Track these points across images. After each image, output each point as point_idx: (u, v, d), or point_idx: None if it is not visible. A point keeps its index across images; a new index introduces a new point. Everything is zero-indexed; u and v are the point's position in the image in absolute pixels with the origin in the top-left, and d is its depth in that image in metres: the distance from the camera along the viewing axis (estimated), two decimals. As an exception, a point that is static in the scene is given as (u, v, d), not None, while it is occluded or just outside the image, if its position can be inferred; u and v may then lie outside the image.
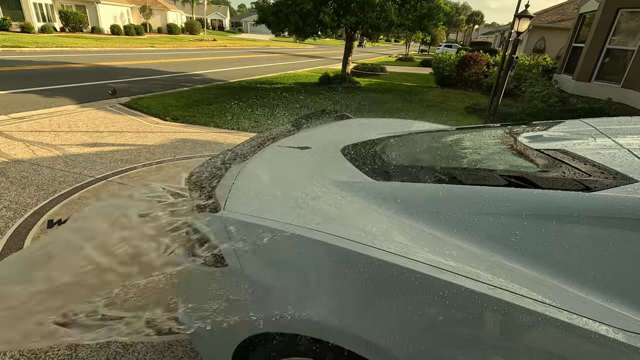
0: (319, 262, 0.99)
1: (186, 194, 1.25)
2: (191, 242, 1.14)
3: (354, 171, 1.39)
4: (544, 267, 0.90)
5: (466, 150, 1.54)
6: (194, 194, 1.27)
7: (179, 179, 3.32)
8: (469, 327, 0.86)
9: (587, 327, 0.77)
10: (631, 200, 0.88)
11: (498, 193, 1.03)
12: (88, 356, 1.67)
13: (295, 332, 1.01)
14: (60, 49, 17.16)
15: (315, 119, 2.38)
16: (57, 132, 5.03)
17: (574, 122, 1.64)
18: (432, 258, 0.91)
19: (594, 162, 1.11)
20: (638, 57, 7.84)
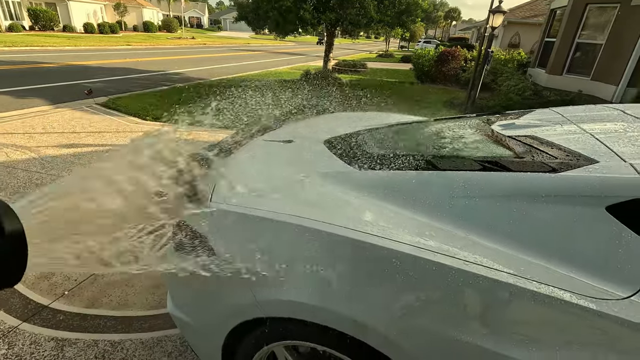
0: (305, 247, 1.03)
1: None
2: (179, 233, 1.15)
3: (337, 162, 1.43)
4: (515, 243, 0.96)
5: (443, 139, 1.61)
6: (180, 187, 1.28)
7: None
8: (445, 300, 0.92)
9: (553, 295, 0.84)
10: (592, 179, 0.96)
11: (472, 177, 1.10)
12: (75, 355, 1.65)
13: (285, 315, 1.04)
14: (31, 49, 16.49)
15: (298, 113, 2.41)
16: (31, 134, 4.87)
17: (544, 111, 1.73)
18: (412, 239, 0.96)
19: (559, 146, 1.19)
20: (605, 51, 8.19)
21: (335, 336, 1.00)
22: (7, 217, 0.55)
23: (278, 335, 1.10)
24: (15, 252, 0.55)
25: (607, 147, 1.12)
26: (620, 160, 1.02)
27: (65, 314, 1.89)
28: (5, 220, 0.54)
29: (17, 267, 0.56)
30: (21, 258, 0.56)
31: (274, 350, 1.17)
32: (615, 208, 0.90)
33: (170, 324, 1.84)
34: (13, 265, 0.56)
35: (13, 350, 1.66)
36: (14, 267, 0.56)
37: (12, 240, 0.54)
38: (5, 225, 0.54)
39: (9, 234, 0.54)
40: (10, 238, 0.54)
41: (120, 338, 1.76)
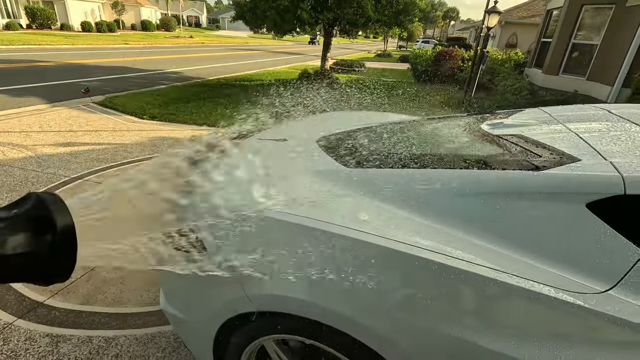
0: (296, 243, 1.05)
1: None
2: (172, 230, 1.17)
3: (329, 160, 1.45)
4: (497, 239, 0.98)
5: (434, 138, 1.63)
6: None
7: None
8: (432, 295, 0.94)
9: (533, 289, 0.86)
10: (573, 176, 0.98)
11: (458, 175, 1.12)
12: (70, 351, 1.67)
13: (274, 310, 1.06)
14: (28, 47, 16.44)
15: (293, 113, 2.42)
16: (27, 133, 4.87)
17: (533, 110, 1.76)
18: (400, 235, 0.98)
19: (544, 145, 1.22)
20: (601, 51, 8.24)
21: (324, 331, 1.02)
22: (59, 211, 0.55)
23: (268, 329, 1.12)
24: (66, 247, 0.56)
25: (590, 145, 1.15)
26: (602, 158, 1.05)
27: (60, 310, 1.91)
28: (58, 214, 0.55)
29: (68, 262, 0.57)
30: (71, 253, 0.57)
31: (264, 344, 1.19)
32: (595, 205, 0.93)
33: (164, 321, 1.86)
34: (64, 260, 0.57)
35: (8, 346, 1.68)
36: (66, 262, 0.57)
37: (64, 235, 0.54)
38: (58, 220, 0.54)
39: (60, 229, 0.53)
40: (61, 233, 0.54)
41: (115, 334, 1.78)
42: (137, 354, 1.68)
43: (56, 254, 0.54)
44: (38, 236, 0.52)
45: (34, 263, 0.53)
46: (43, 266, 0.54)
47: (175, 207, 1.07)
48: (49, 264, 0.54)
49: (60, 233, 0.53)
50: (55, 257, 0.54)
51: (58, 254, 0.54)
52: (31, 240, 0.52)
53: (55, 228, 0.53)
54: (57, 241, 0.54)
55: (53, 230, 0.53)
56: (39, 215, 0.53)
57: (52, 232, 0.53)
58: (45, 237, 0.53)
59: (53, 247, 0.54)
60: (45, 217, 0.53)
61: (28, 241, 0.51)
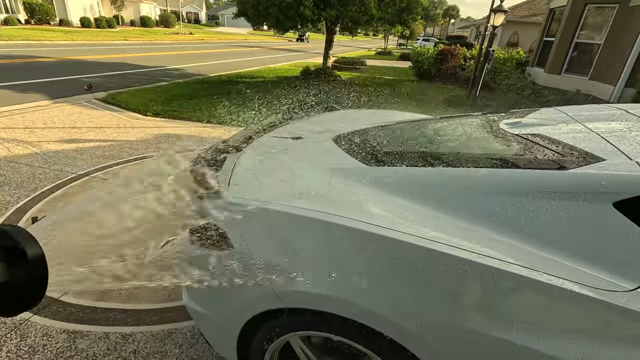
0: (320, 240, 1.06)
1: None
2: (195, 227, 1.18)
3: (347, 158, 1.46)
4: (525, 237, 0.99)
5: (451, 136, 1.64)
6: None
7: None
8: (460, 292, 0.95)
9: (563, 287, 0.87)
10: (599, 176, 0.99)
11: (482, 174, 1.13)
12: (88, 347, 1.68)
13: (301, 306, 1.07)
14: (27, 42, 16.35)
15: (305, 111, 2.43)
16: (32, 129, 4.85)
17: (549, 110, 1.77)
18: (426, 233, 0.99)
19: (566, 144, 1.23)
20: (604, 50, 8.26)
21: (351, 327, 1.03)
22: (27, 243, 0.56)
23: (295, 326, 1.13)
24: (37, 275, 0.57)
25: (613, 145, 1.16)
26: (627, 158, 1.06)
27: (76, 307, 1.91)
28: (27, 246, 0.55)
29: (38, 290, 0.57)
30: (42, 281, 0.57)
31: (289, 340, 1.20)
32: (622, 204, 0.94)
33: (181, 317, 1.87)
34: (35, 288, 0.57)
35: (26, 342, 1.69)
36: (36, 290, 0.57)
37: (34, 265, 0.55)
38: (27, 251, 0.55)
39: (31, 259, 0.54)
40: (32, 263, 0.55)
41: (131, 330, 1.79)
42: (155, 350, 1.69)
43: (30, 282, 0.55)
44: (10, 266, 0.53)
45: (9, 293, 0.53)
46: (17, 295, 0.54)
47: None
48: (22, 292, 0.55)
49: (32, 261, 0.54)
50: (29, 286, 0.55)
51: (32, 282, 0.55)
52: (5, 270, 0.52)
53: (26, 257, 0.53)
54: (30, 269, 0.54)
55: (25, 259, 0.53)
56: (7, 246, 0.53)
57: (24, 261, 0.54)
58: (18, 267, 0.53)
59: (27, 275, 0.54)
60: (13, 247, 0.54)
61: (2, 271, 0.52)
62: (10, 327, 1.75)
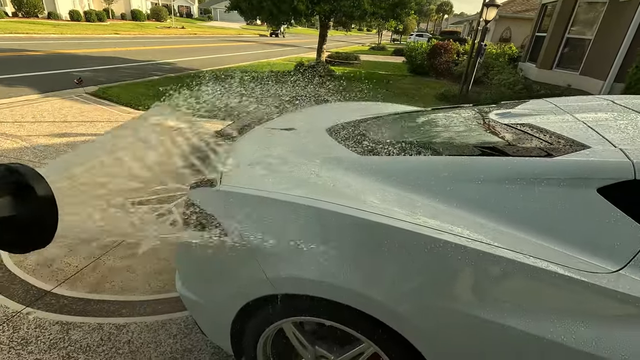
0: (313, 226, 1.07)
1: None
2: (189, 216, 1.19)
3: (341, 148, 1.47)
4: (513, 222, 1.02)
5: (442, 127, 1.66)
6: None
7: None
8: (447, 275, 0.97)
9: (549, 269, 0.90)
10: (584, 162, 1.02)
11: (472, 161, 1.15)
12: (81, 338, 1.68)
13: (294, 292, 1.09)
14: (15, 36, 16.01)
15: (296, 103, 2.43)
16: (21, 123, 4.78)
17: (538, 101, 1.80)
18: (415, 218, 1.01)
19: (554, 133, 1.25)
20: (594, 46, 8.35)
21: (344, 312, 1.05)
22: (36, 181, 0.56)
23: (288, 312, 1.14)
24: (47, 213, 0.57)
25: (598, 133, 1.19)
26: (611, 145, 1.09)
27: (69, 298, 1.91)
28: (36, 184, 0.56)
29: (47, 230, 0.58)
30: (51, 221, 0.58)
31: (283, 326, 1.22)
32: (606, 190, 0.97)
33: (175, 308, 1.88)
34: (44, 227, 0.58)
35: (18, 333, 1.68)
36: (44, 230, 0.58)
37: (43, 203, 0.56)
38: (37, 189, 0.56)
39: (40, 197, 0.55)
40: (42, 199, 0.56)
41: (125, 321, 1.79)
42: (149, 340, 1.70)
43: (39, 219, 0.55)
44: (19, 200, 0.53)
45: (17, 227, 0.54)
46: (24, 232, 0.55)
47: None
48: (30, 229, 0.55)
49: (41, 199, 0.54)
50: (39, 222, 0.56)
51: (40, 219, 0.55)
52: (11, 204, 0.52)
53: (35, 194, 0.54)
54: (39, 206, 0.55)
55: (33, 195, 0.54)
56: (15, 182, 0.54)
57: (32, 197, 0.54)
58: (26, 202, 0.54)
59: (36, 211, 0.55)
60: (21, 183, 0.54)
61: (10, 205, 0.52)
62: (2, 319, 1.75)
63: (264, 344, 1.27)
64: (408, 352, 1.04)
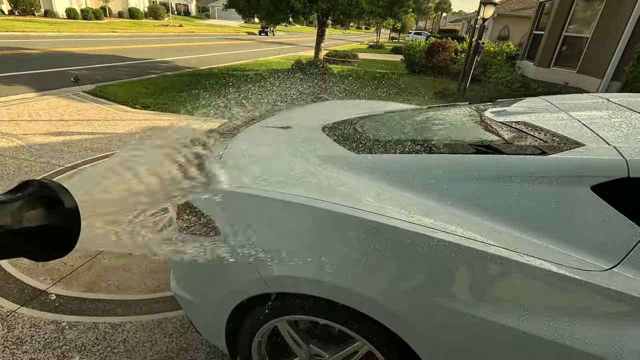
0: (306, 224, 1.07)
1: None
2: (182, 214, 1.18)
3: (336, 146, 1.47)
4: (507, 220, 1.02)
5: (438, 125, 1.66)
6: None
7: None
8: (440, 272, 0.97)
9: (543, 267, 0.90)
10: (578, 160, 1.02)
11: (467, 159, 1.15)
12: (76, 337, 1.68)
13: (289, 291, 1.09)
14: (12, 34, 15.92)
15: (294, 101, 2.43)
16: (17, 121, 4.75)
17: (534, 99, 1.79)
18: (410, 217, 1.01)
19: (548, 131, 1.25)
20: (591, 44, 8.36)
21: (339, 310, 1.05)
22: (64, 195, 0.60)
23: (283, 310, 1.14)
24: (71, 225, 0.60)
25: (593, 131, 1.19)
26: (605, 143, 1.09)
27: (64, 298, 1.90)
28: (64, 197, 0.60)
29: (71, 239, 0.61)
30: (75, 230, 0.62)
31: (277, 325, 1.22)
32: (600, 188, 0.97)
33: (170, 307, 1.87)
34: (69, 236, 0.61)
35: (13, 333, 1.67)
36: (69, 239, 0.61)
37: (70, 215, 0.60)
38: (65, 202, 0.59)
39: (67, 209, 0.59)
40: (68, 211, 0.60)
41: (121, 320, 1.79)
42: (144, 339, 1.69)
43: (65, 229, 0.60)
44: (49, 212, 0.58)
45: (46, 236, 0.59)
46: (52, 240, 0.60)
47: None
48: (57, 237, 0.60)
49: (68, 209, 0.59)
50: (64, 232, 0.60)
51: (66, 229, 0.60)
52: (45, 214, 0.58)
53: (63, 205, 0.59)
54: (66, 217, 0.60)
55: (61, 207, 0.59)
56: (46, 195, 0.59)
57: (61, 209, 0.59)
58: (56, 213, 0.59)
59: (63, 222, 0.59)
60: (52, 197, 0.59)
61: (42, 216, 0.57)
62: (-4, 318, 1.74)
63: (258, 343, 1.26)
64: (402, 351, 1.04)
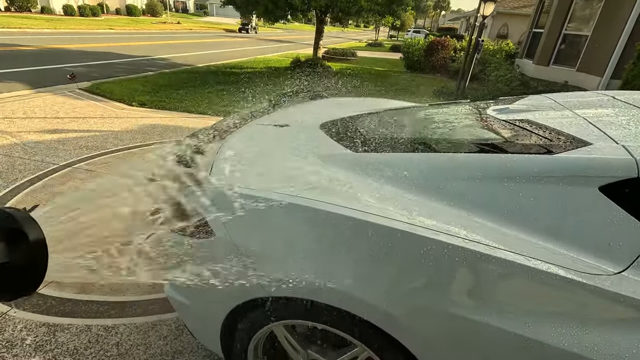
0: (306, 227, 1.03)
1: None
2: (177, 215, 1.14)
3: (334, 145, 1.43)
4: (511, 222, 0.98)
5: (439, 123, 1.62)
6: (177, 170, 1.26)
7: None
8: (443, 276, 0.93)
9: (549, 271, 0.86)
10: (586, 160, 0.98)
11: (470, 159, 1.11)
12: (69, 340, 1.63)
13: (285, 295, 1.05)
14: (8, 30, 15.79)
15: (291, 98, 2.38)
16: (11, 119, 4.69)
17: (537, 97, 1.76)
18: (412, 218, 0.97)
19: (553, 129, 1.21)
20: (591, 42, 8.33)
21: (337, 315, 1.01)
22: (30, 226, 0.54)
23: (279, 315, 1.10)
24: (37, 260, 0.55)
25: (599, 130, 1.15)
26: (613, 142, 1.05)
27: (56, 299, 1.86)
28: (29, 229, 0.54)
29: (37, 275, 0.56)
30: (42, 265, 0.56)
31: (274, 329, 1.18)
32: (608, 188, 0.93)
33: (164, 309, 1.83)
34: (34, 272, 0.56)
35: (3, 335, 1.63)
36: (35, 275, 0.56)
37: (35, 249, 0.53)
38: (29, 234, 0.53)
39: (32, 242, 0.53)
40: (33, 245, 0.54)
41: (114, 323, 1.75)
42: (138, 342, 1.65)
43: (30, 265, 0.53)
44: (12, 247, 0.52)
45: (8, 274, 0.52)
46: (15, 277, 0.53)
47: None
48: (22, 275, 0.53)
49: (33, 243, 0.53)
50: (29, 268, 0.53)
51: (32, 264, 0.53)
52: (4, 251, 0.51)
53: (28, 239, 0.52)
54: (31, 251, 0.53)
55: (26, 241, 0.52)
56: (10, 228, 0.52)
57: (25, 244, 0.53)
58: (20, 248, 0.52)
59: (28, 257, 0.53)
60: (16, 229, 0.53)
61: (3, 252, 0.51)
62: (-14, 321, 1.70)
63: (255, 348, 1.23)
64: (403, 357, 1.01)
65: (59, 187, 3.03)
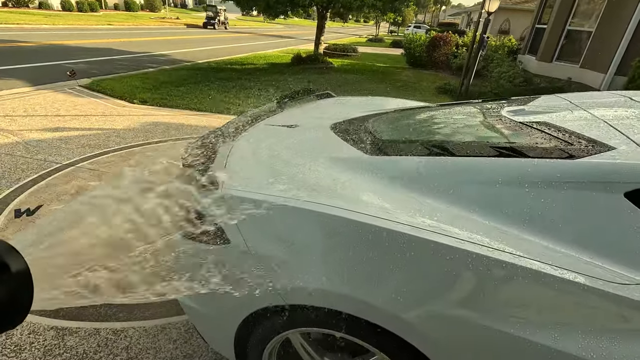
0: (322, 233, 1.01)
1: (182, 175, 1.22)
2: (190, 221, 1.12)
3: (347, 147, 1.40)
4: (532, 229, 0.96)
5: (453, 125, 1.59)
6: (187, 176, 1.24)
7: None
8: (466, 286, 0.91)
9: (574, 280, 0.84)
10: (610, 165, 0.96)
11: (489, 163, 1.09)
12: (77, 344, 1.62)
13: (302, 302, 1.03)
14: (5, 26, 15.65)
15: (298, 98, 2.35)
16: (12, 117, 4.65)
17: (551, 97, 1.73)
18: (430, 224, 0.95)
19: (574, 132, 1.19)
20: (595, 38, 8.27)
21: (355, 323, 0.99)
22: (10, 256, 0.51)
23: (296, 322, 1.09)
24: (21, 291, 0.51)
25: (622, 133, 1.12)
26: (637, 146, 1.03)
27: (64, 302, 1.84)
28: (10, 260, 0.50)
29: (23, 307, 0.53)
30: (26, 297, 0.53)
31: (289, 336, 1.16)
32: (634, 194, 0.91)
33: (173, 312, 1.82)
34: (19, 305, 0.52)
35: (11, 340, 1.62)
36: (20, 307, 0.53)
37: (18, 280, 0.51)
38: (11, 265, 0.50)
39: (15, 274, 0.50)
40: (16, 276, 0.50)
41: (123, 326, 1.73)
42: (148, 346, 1.64)
43: (14, 299, 0.51)
44: None
45: None
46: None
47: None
48: (6, 309, 0.51)
49: (16, 276, 0.50)
50: (13, 302, 0.51)
51: (15, 298, 0.51)
52: None
53: (10, 271, 0.50)
54: (14, 283, 0.51)
55: (8, 274, 0.50)
56: None
57: (7, 275, 0.50)
58: (1, 281, 0.50)
59: (10, 290, 0.51)
60: None
61: None
62: (-6, 324, 1.68)
63: (269, 354, 1.21)
64: (422, 365, 0.99)
65: (63, 186, 3.01)
